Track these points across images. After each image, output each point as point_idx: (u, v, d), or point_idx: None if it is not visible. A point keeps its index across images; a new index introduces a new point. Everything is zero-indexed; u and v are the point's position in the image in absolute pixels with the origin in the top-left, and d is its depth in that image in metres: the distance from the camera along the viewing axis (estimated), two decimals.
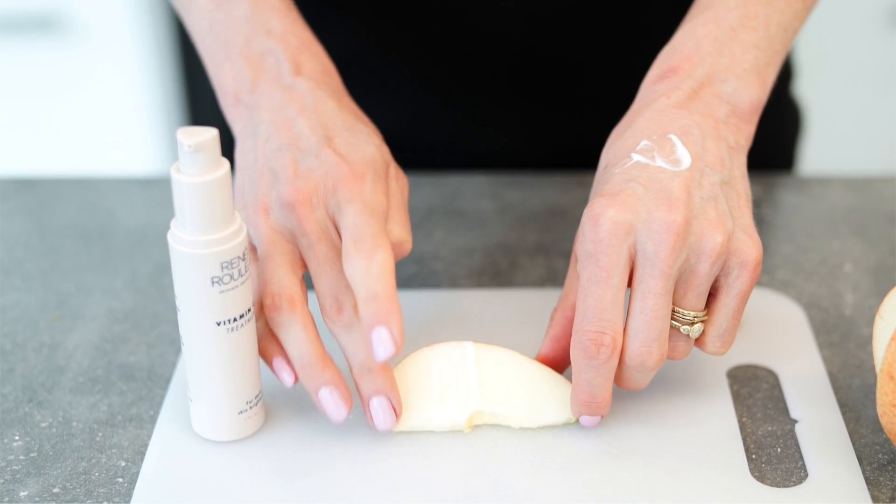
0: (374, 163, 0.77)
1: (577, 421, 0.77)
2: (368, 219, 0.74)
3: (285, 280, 0.76)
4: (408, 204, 0.80)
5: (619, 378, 0.76)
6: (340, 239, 0.75)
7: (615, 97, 0.82)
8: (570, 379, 0.78)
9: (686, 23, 0.82)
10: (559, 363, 0.79)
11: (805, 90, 1.23)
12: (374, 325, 0.71)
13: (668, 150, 0.75)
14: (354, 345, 0.75)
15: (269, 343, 0.77)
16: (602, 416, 0.76)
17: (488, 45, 1.07)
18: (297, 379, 0.76)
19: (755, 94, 0.79)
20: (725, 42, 0.79)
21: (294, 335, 0.75)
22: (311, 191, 0.76)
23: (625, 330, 0.73)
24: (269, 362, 0.77)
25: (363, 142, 0.78)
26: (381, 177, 0.77)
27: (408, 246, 0.78)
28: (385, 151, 0.79)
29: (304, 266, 0.77)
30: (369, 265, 0.72)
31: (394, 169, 0.80)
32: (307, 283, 0.80)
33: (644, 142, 0.75)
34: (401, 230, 0.77)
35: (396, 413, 0.76)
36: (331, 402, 0.75)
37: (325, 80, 0.82)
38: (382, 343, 0.71)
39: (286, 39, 0.83)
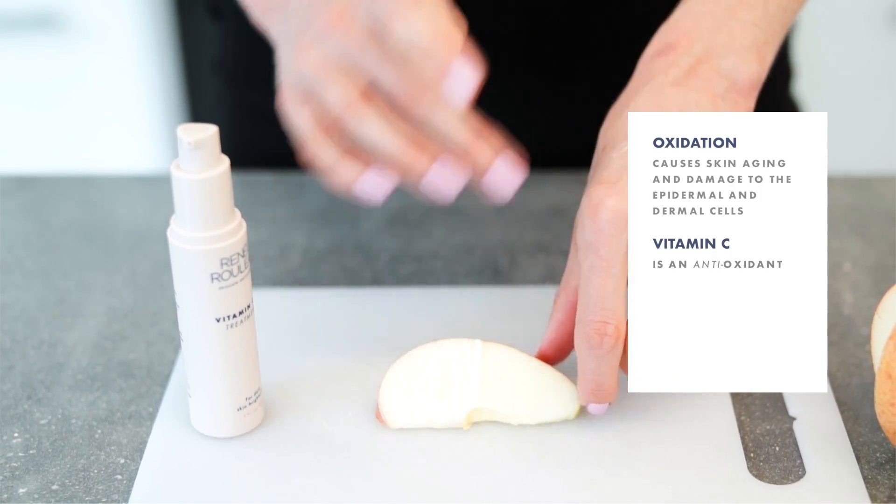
0: None
1: (577, 417, 0.77)
2: None
3: (349, 87, 0.73)
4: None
5: (625, 365, 0.75)
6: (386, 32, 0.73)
7: (615, 96, 0.81)
8: (571, 374, 0.78)
9: (685, 2, 0.81)
10: (564, 347, 0.79)
11: (805, 90, 1.23)
12: (449, 61, 0.70)
13: None
14: (449, 119, 0.73)
15: (347, 166, 0.74)
16: (610, 403, 0.76)
17: (487, 46, 1.06)
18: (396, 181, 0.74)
19: (754, 70, 0.78)
20: (724, 19, 0.79)
21: (377, 127, 0.73)
22: (343, 8, 0.74)
23: None
24: (356, 185, 0.74)
25: None
26: None
27: (460, 35, 0.74)
28: None
29: (361, 80, 0.74)
30: (417, 13, 0.71)
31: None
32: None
33: None
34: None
35: (522, 167, 0.74)
36: (445, 176, 0.73)
37: None
38: (463, 73, 0.70)
39: None
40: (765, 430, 0.78)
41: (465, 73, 0.70)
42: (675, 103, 0.76)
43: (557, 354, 0.79)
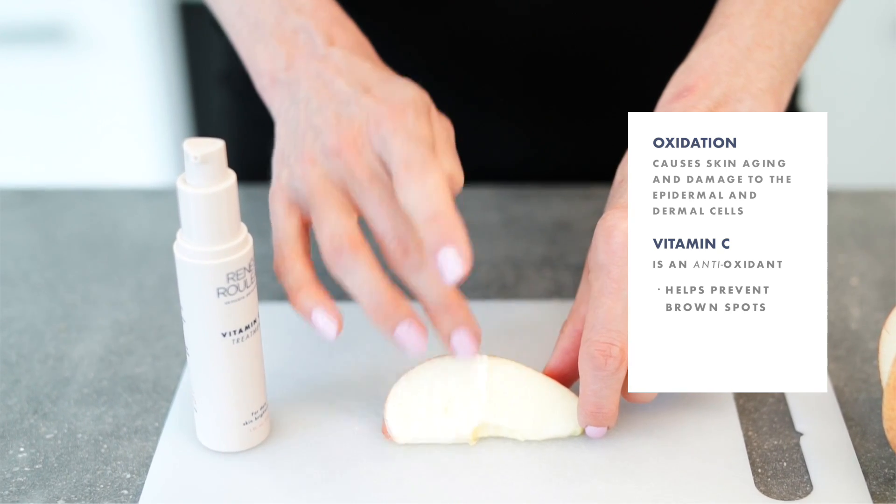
0: (415, 101, 0.76)
1: (583, 433, 0.77)
2: (415, 144, 0.72)
3: (342, 222, 0.74)
4: (454, 144, 0.78)
5: (626, 390, 0.76)
6: (391, 178, 0.73)
7: (622, 110, 0.82)
8: (577, 391, 0.77)
9: (701, 42, 0.82)
10: (568, 376, 0.79)
11: (812, 103, 1.23)
12: (440, 246, 0.69)
13: None
14: (427, 284, 0.73)
15: (307, 295, 0.75)
16: (609, 428, 0.76)
17: (494, 60, 1.07)
18: (340, 329, 0.75)
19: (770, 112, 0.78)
20: (741, 61, 0.79)
21: (361, 276, 0.73)
22: (356, 134, 0.75)
23: None
24: (307, 314, 0.75)
25: (401, 87, 0.77)
26: (422, 112, 0.76)
27: (460, 180, 0.75)
28: (425, 95, 0.78)
29: (357, 212, 0.75)
30: (423, 185, 0.70)
31: (436, 112, 0.79)
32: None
33: None
34: (451, 163, 0.76)
35: (478, 341, 0.74)
36: (411, 336, 0.73)
37: (358, 48, 0.82)
38: (451, 263, 0.69)
39: (317, 15, 0.82)
40: (772, 445, 0.78)
41: (452, 263, 0.70)
42: None
43: (561, 382, 0.79)
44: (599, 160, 0.96)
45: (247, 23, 0.84)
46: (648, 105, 0.83)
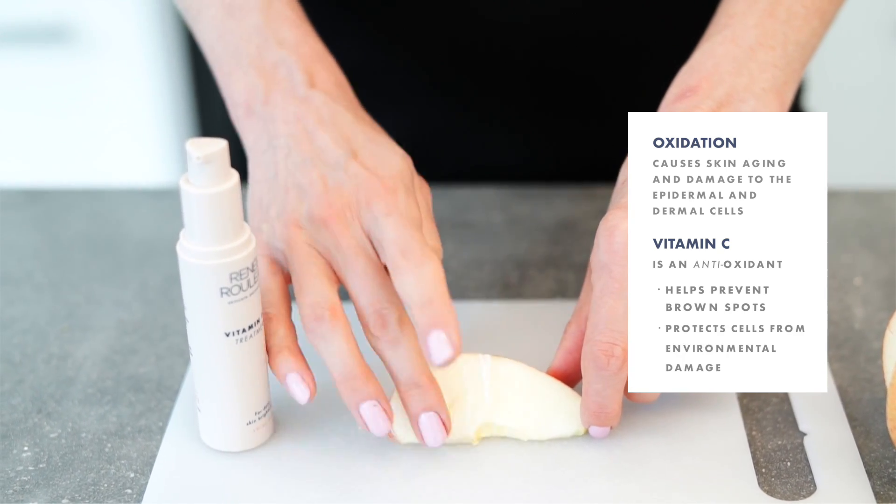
0: (402, 174, 0.77)
1: (586, 433, 0.77)
2: (411, 231, 0.73)
3: (324, 291, 0.75)
4: (432, 211, 0.80)
5: (628, 389, 0.76)
6: (376, 253, 0.75)
7: (625, 110, 0.82)
8: (580, 391, 0.77)
9: (704, 42, 0.82)
10: (571, 376, 0.79)
11: (815, 103, 1.23)
12: (431, 329, 0.70)
13: None
14: (401, 360, 0.74)
15: (284, 359, 0.76)
16: (612, 427, 0.76)
17: (498, 58, 1.07)
18: (312, 396, 0.75)
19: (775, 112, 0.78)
20: (744, 61, 0.79)
21: (336, 346, 0.74)
22: (344, 206, 0.76)
23: None
24: (282, 378, 0.76)
25: (388, 153, 0.78)
26: (410, 189, 0.77)
27: (440, 254, 0.77)
28: (409, 162, 0.79)
29: (338, 281, 0.76)
30: (421, 273, 0.71)
31: (418, 180, 0.80)
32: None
33: None
34: (432, 239, 0.78)
35: (447, 428, 0.75)
36: (374, 415, 0.74)
37: (339, 92, 0.82)
38: (440, 346, 0.70)
39: (299, 50, 0.82)
40: (776, 445, 0.78)
41: (442, 346, 0.70)
42: None
43: (564, 381, 0.79)
44: (603, 160, 0.96)
45: (226, 50, 0.84)
46: (650, 104, 0.83)
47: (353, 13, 1.06)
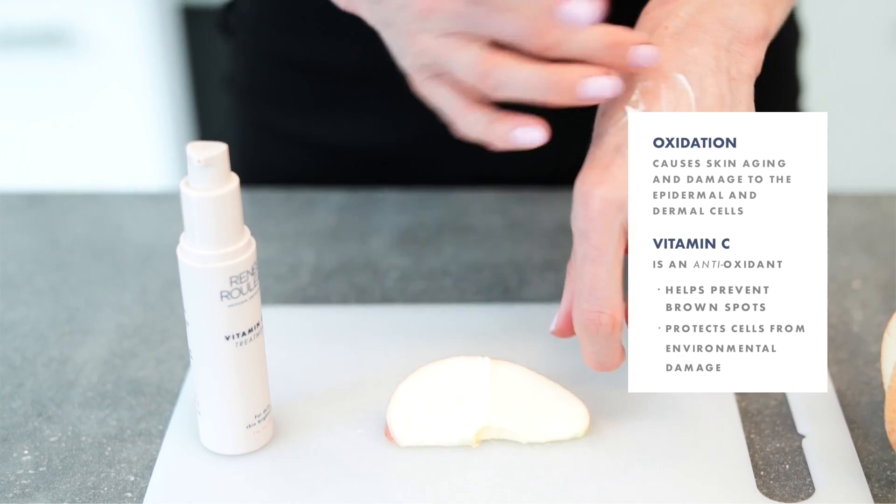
0: None
1: (585, 435, 0.77)
2: None
3: (472, 52, 0.73)
4: None
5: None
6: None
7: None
8: (579, 394, 0.78)
9: None
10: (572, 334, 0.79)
11: (813, 106, 1.23)
12: (561, 4, 0.69)
13: (669, 92, 0.74)
14: (577, 42, 0.72)
15: (495, 124, 0.75)
16: (617, 367, 0.76)
17: None
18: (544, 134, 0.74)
19: (760, 19, 0.76)
20: None
21: (521, 72, 0.72)
22: None
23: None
24: (511, 137, 0.75)
25: None
26: None
27: None
28: None
29: (478, 42, 0.74)
30: None
31: None
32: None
33: (639, 89, 0.75)
34: None
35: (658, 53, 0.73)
36: (598, 76, 0.72)
37: None
38: (579, 8, 0.70)
39: None
40: (774, 448, 0.78)
41: (580, 7, 0.69)
42: (674, 64, 0.75)
43: (571, 329, 0.79)
44: None
45: None
46: None
47: (347, 21, 1.06)
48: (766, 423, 0.80)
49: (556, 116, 1.10)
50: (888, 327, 0.75)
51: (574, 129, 1.11)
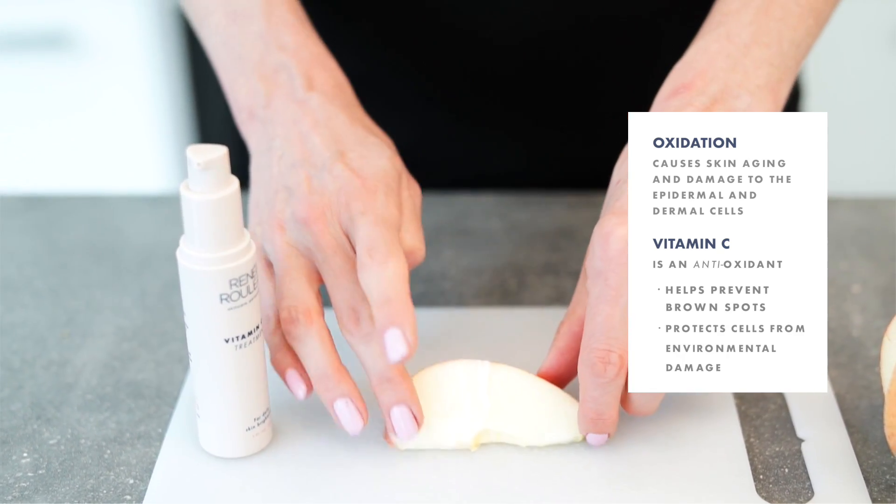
0: (387, 175, 0.78)
1: (585, 440, 0.77)
2: (381, 229, 0.74)
3: (301, 293, 0.77)
4: (420, 212, 0.81)
5: (627, 402, 0.76)
6: (355, 252, 0.76)
7: (624, 116, 0.82)
8: (577, 397, 0.78)
9: (699, 39, 0.82)
10: (563, 376, 0.79)
11: (813, 109, 1.23)
12: (387, 327, 0.71)
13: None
14: (373, 356, 0.75)
15: (282, 356, 0.77)
16: (609, 435, 0.76)
17: (497, 65, 1.07)
18: (309, 391, 0.77)
19: (768, 109, 0.78)
20: (738, 58, 0.79)
21: (310, 347, 0.76)
22: (325, 206, 0.77)
23: None
24: (282, 375, 0.78)
25: (375, 155, 0.79)
26: (393, 189, 0.78)
27: (420, 254, 0.79)
28: (397, 162, 0.80)
29: (320, 280, 0.78)
30: (383, 271, 0.72)
31: (406, 179, 0.81)
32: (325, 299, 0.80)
33: None
34: (413, 239, 0.78)
35: (418, 422, 0.76)
36: (347, 413, 0.75)
37: (337, 93, 0.83)
38: (395, 343, 0.71)
39: (299, 54, 0.84)
40: (773, 451, 0.78)
41: (397, 343, 0.71)
42: None
43: (555, 382, 0.79)
44: (601, 167, 0.96)
45: (230, 55, 0.86)
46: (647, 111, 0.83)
47: (356, 23, 1.06)
48: (766, 426, 0.80)
49: (557, 121, 1.10)
50: (887, 331, 0.75)
51: (574, 136, 1.11)
